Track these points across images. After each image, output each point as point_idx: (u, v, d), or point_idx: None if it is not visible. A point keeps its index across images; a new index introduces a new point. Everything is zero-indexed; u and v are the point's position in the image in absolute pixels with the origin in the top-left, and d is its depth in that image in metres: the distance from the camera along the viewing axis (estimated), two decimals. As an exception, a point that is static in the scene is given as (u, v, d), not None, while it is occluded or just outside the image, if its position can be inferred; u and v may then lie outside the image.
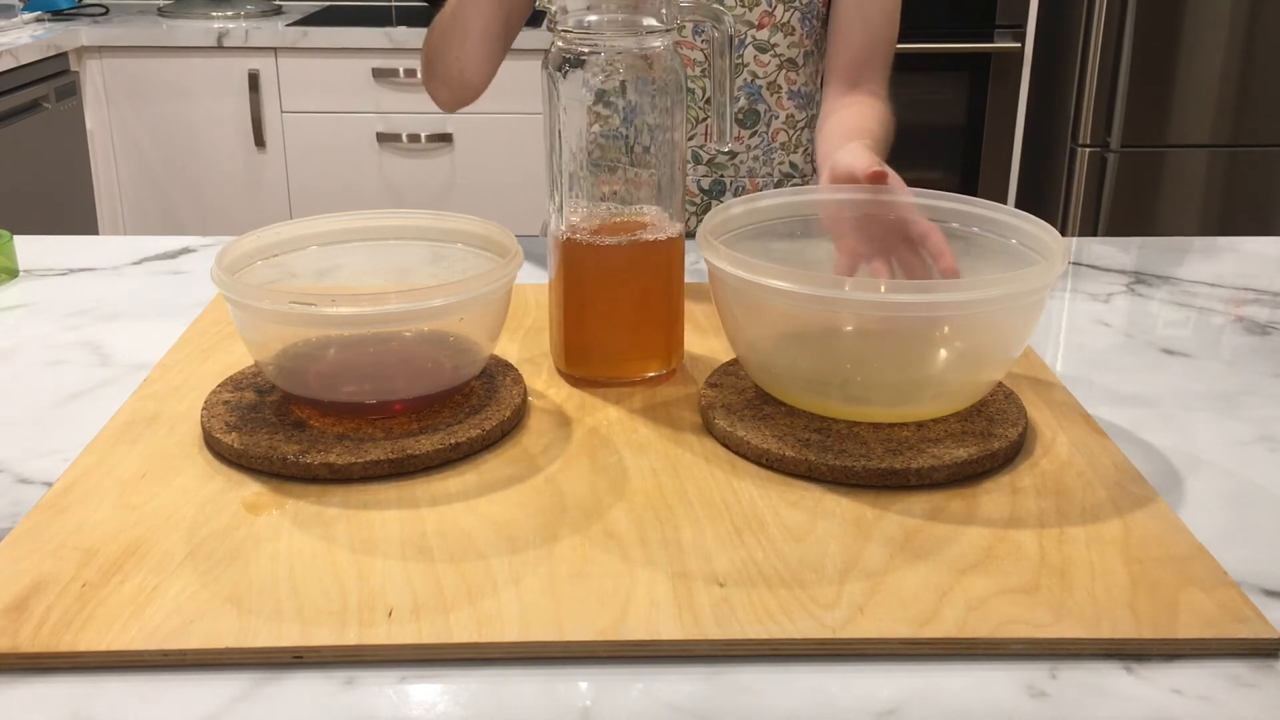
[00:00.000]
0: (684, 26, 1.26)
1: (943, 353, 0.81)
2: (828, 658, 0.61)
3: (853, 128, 1.19)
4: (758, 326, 0.83)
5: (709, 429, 0.83)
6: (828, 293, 0.76)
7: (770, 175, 1.34)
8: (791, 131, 1.34)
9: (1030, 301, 0.78)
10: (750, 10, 1.26)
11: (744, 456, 0.79)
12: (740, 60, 1.28)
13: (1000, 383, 0.87)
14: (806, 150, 1.36)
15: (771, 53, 1.28)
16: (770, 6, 1.26)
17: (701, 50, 1.27)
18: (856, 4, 1.26)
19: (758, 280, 0.77)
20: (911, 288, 0.77)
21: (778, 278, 0.76)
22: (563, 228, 0.88)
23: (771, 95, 1.30)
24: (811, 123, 1.35)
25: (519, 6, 1.23)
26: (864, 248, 0.95)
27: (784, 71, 1.30)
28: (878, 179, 0.92)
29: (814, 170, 1.37)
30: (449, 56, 1.23)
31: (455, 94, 1.27)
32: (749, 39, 1.28)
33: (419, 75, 1.32)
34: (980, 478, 0.77)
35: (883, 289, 0.75)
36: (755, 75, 1.29)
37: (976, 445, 0.78)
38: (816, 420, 0.82)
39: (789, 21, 1.28)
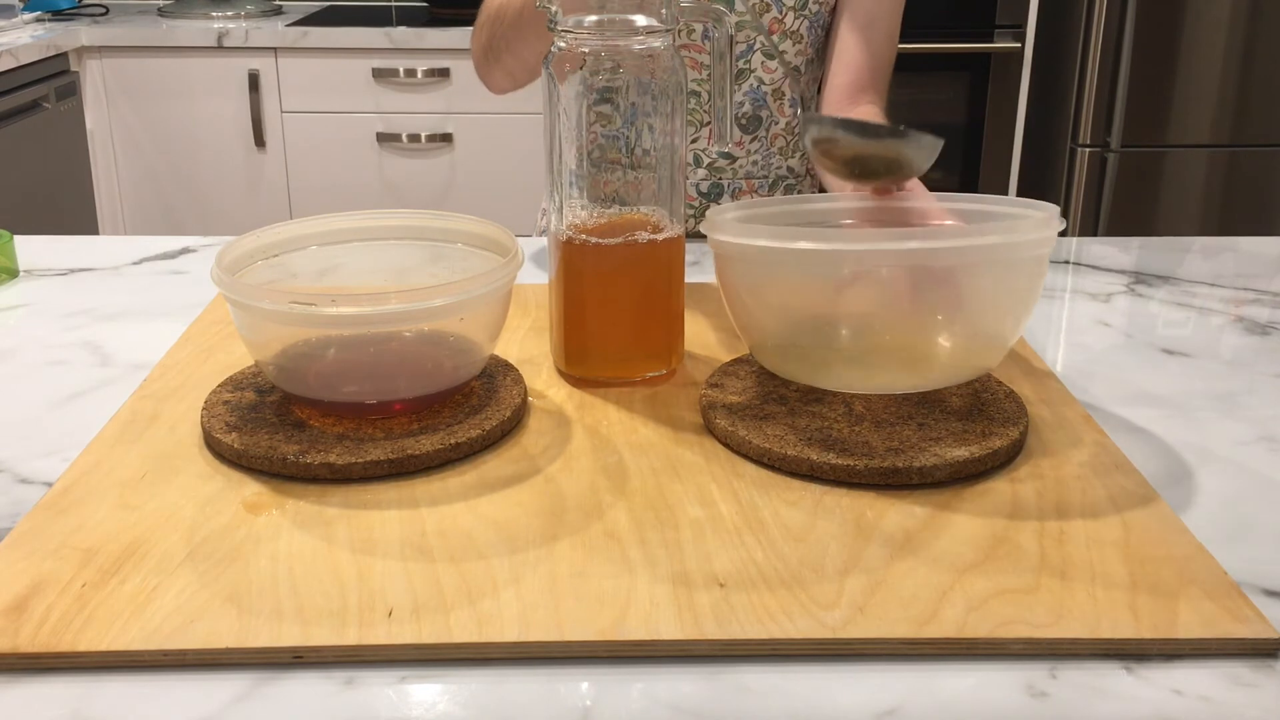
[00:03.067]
0: (693, 30, 1.26)
1: (941, 310, 0.81)
2: (828, 658, 0.61)
3: None
4: (760, 297, 0.83)
5: (709, 429, 0.83)
6: (826, 247, 0.76)
7: (766, 178, 1.34)
8: (789, 137, 1.34)
9: (1029, 256, 0.78)
10: (760, 17, 1.26)
11: (744, 456, 0.79)
12: (748, 65, 1.28)
13: (1000, 381, 0.87)
14: (803, 155, 1.36)
15: (779, 59, 1.28)
16: (780, 13, 1.26)
17: (708, 54, 1.27)
18: (861, 25, 1.26)
19: (758, 244, 0.78)
20: (899, 235, 0.78)
21: (777, 238, 0.77)
22: (563, 227, 0.88)
23: (775, 102, 1.30)
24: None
25: None
26: None
27: (789, 79, 1.30)
28: (881, 193, 0.91)
29: (808, 172, 1.38)
30: (521, 48, 1.17)
31: (516, 80, 1.24)
32: (757, 45, 1.27)
33: (472, 61, 1.26)
34: (981, 477, 0.77)
35: (881, 238, 0.76)
36: (761, 81, 1.29)
37: (978, 444, 0.78)
38: (817, 420, 0.82)
39: (798, 29, 1.27)
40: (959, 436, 0.79)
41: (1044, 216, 0.79)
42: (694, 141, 1.31)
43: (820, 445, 0.78)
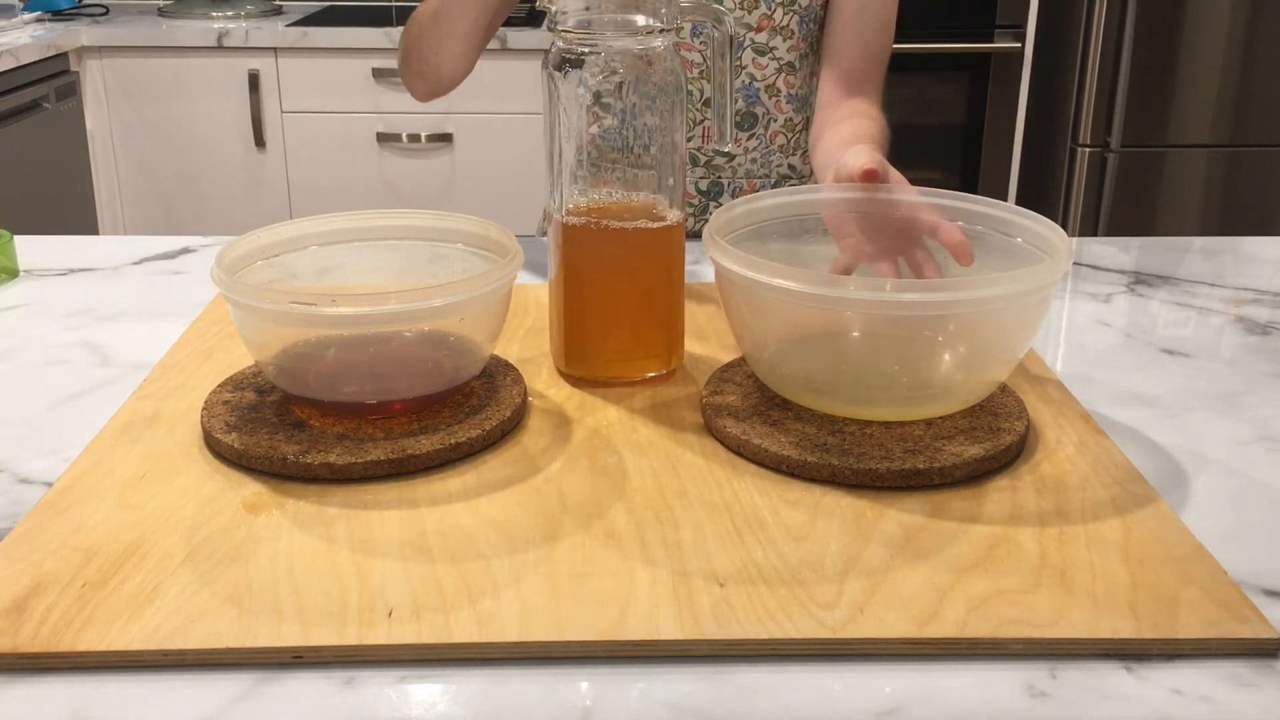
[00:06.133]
0: (682, 27, 1.26)
1: (949, 351, 0.81)
2: (828, 658, 0.61)
3: (858, 135, 1.18)
4: (765, 326, 0.83)
5: (709, 429, 0.83)
6: (834, 292, 0.76)
7: (768, 177, 1.34)
8: (790, 134, 1.33)
9: (1037, 299, 0.78)
10: (749, 13, 1.26)
11: (744, 456, 0.79)
12: (738, 63, 1.28)
13: (1000, 382, 0.87)
14: (805, 152, 1.36)
15: (770, 56, 1.28)
16: (769, 9, 1.26)
17: (700, 52, 1.27)
18: (853, 15, 1.26)
19: (765, 280, 0.77)
20: (918, 286, 0.77)
21: (785, 277, 0.76)
22: (562, 216, 0.88)
23: (770, 98, 1.30)
24: (808, 125, 1.35)
25: (504, 6, 1.21)
26: (869, 247, 0.94)
27: (782, 75, 1.29)
28: (870, 177, 0.91)
29: (812, 172, 1.37)
30: (427, 52, 1.21)
31: (431, 87, 1.26)
32: (747, 42, 1.27)
33: (397, 65, 1.30)
34: (981, 477, 0.77)
35: (888, 288, 0.75)
36: (753, 78, 1.29)
37: (989, 441, 0.78)
38: (818, 420, 0.82)
39: (788, 25, 1.27)
40: (968, 434, 0.79)
41: (1057, 258, 0.78)
42: (689, 140, 1.31)
43: (820, 445, 0.78)
